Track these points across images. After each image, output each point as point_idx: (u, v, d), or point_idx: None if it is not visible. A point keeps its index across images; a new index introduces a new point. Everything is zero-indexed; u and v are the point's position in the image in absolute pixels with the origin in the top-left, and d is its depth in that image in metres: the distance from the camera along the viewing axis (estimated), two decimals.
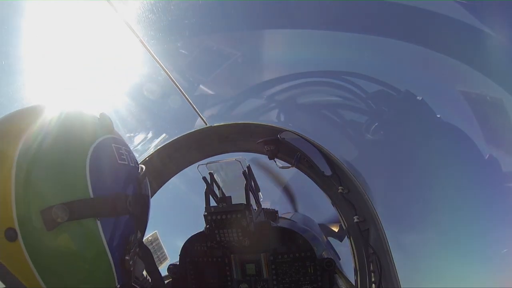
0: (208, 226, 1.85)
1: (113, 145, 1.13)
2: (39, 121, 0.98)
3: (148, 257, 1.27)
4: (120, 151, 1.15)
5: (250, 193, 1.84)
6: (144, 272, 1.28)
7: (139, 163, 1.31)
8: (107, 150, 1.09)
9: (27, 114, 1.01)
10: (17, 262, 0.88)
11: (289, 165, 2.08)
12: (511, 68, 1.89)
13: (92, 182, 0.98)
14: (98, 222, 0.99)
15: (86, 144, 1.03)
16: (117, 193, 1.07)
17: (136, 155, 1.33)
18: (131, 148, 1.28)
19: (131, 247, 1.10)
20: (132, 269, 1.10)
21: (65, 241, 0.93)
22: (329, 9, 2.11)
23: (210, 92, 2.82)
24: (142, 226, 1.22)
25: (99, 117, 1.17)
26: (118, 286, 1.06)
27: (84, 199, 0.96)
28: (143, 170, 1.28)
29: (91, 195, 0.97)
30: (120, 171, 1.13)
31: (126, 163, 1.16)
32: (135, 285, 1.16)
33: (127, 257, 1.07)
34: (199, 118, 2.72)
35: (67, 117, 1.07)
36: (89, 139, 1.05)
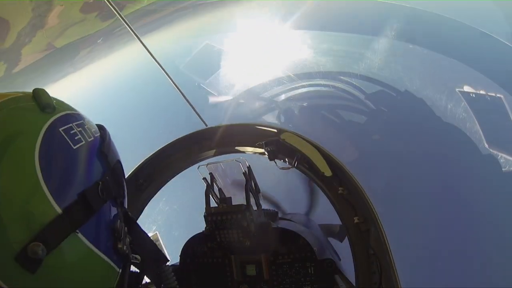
0: (208, 227, 1.85)
1: (60, 130, 0.90)
2: None
3: (135, 227, 1.19)
4: (72, 131, 0.93)
5: (251, 193, 1.84)
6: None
7: (139, 163, 1.28)
8: (56, 142, 0.88)
9: None
10: None
11: (289, 166, 2.07)
12: (511, 68, 1.89)
13: (54, 195, 0.80)
14: (79, 233, 0.86)
15: (28, 150, 0.79)
16: (86, 189, 0.90)
17: (136, 155, 1.31)
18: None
19: (121, 234, 1.02)
20: (127, 251, 1.05)
21: (55, 272, 0.83)
22: (329, 10, 2.11)
23: (210, 92, 2.81)
24: (122, 197, 1.11)
25: (33, 95, 0.90)
26: (119, 270, 1.02)
27: (54, 220, 0.80)
28: (106, 133, 1.09)
29: (59, 211, 0.81)
30: (80, 158, 0.93)
31: (83, 142, 0.95)
32: (135, 261, 1.11)
33: (119, 246, 1.00)
34: (199, 119, 2.73)
35: None
36: (29, 141, 0.81)
